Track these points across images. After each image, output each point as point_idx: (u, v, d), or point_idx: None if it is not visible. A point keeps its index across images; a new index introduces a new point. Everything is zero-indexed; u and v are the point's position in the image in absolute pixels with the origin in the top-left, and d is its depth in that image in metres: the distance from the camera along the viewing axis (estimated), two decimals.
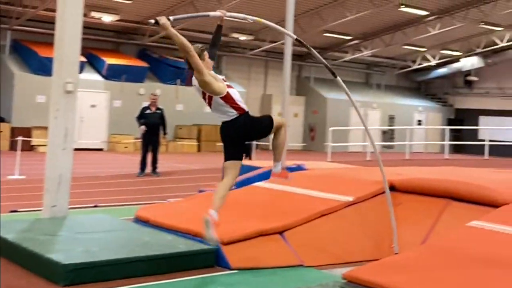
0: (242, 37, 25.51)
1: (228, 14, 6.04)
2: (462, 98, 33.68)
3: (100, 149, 22.11)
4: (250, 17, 6.07)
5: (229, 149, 5.91)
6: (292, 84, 28.81)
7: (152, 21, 5.48)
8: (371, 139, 6.45)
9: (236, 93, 5.80)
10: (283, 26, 10.74)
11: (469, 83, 32.87)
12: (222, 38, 26.06)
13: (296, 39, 6.26)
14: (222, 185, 5.80)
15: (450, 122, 32.90)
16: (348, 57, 28.91)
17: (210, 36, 6.36)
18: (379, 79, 32.80)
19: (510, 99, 31.43)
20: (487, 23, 25.74)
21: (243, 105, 5.78)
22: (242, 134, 5.81)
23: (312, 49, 6.12)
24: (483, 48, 29.58)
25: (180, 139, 23.92)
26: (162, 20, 5.45)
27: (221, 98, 5.67)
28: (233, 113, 5.72)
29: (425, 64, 31.84)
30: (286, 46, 9.39)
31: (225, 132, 5.83)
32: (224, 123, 5.79)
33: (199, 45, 5.76)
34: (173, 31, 5.45)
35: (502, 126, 28.45)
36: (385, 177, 6.17)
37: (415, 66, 32.09)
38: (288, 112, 9.58)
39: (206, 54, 5.80)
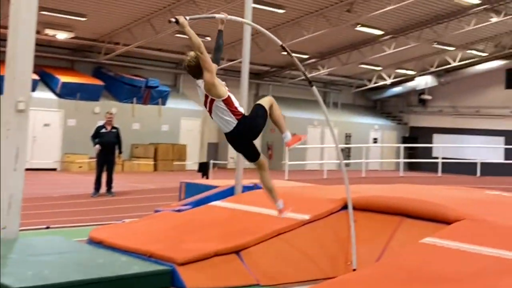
0: None
1: (229, 17, 6.51)
2: (417, 116, 34.29)
3: (54, 169, 21.72)
4: (247, 21, 6.32)
5: (246, 153, 6.14)
6: (249, 102, 28.84)
7: (173, 19, 5.70)
8: (340, 157, 6.50)
9: (234, 98, 5.98)
10: (240, 45, 10.78)
11: (423, 102, 33.50)
12: (179, 56, 25.91)
13: (281, 45, 6.50)
14: (264, 180, 6.27)
15: (405, 140, 33.43)
16: None
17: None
18: (336, 97, 33.17)
19: (463, 117, 32.16)
20: (440, 43, 26.34)
21: (240, 109, 5.93)
22: (248, 137, 6.03)
23: (295, 59, 6.29)
24: (437, 68, 30.21)
25: (136, 158, 23.68)
26: (181, 19, 5.68)
27: (223, 101, 5.84)
28: (233, 121, 5.85)
29: (381, 83, 32.35)
30: (244, 65, 9.42)
31: (233, 144, 6.05)
32: (227, 134, 5.95)
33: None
34: (191, 30, 5.70)
35: (455, 143, 29.03)
36: (349, 194, 6.20)
37: (371, 85, 32.57)
38: None
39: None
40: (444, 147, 26.35)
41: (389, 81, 31.97)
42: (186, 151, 25.26)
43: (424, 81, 31.82)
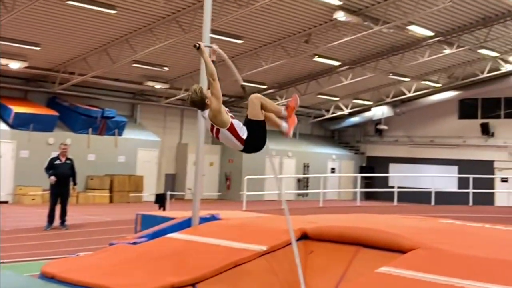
0: (158, 86, 25.42)
1: (218, 50, 6.54)
2: (373, 146, 34.73)
3: (5, 202, 21.15)
4: (228, 61, 6.52)
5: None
6: (207, 133, 28.82)
7: (197, 44, 5.98)
8: (280, 187, 6.47)
9: (238, 123, 6.05)
10: (198, 76, 10.76)
11: (379, 132, 33.97)
12: (136, 87, 25.78)
13: (241, 85, 6.54)
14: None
15: (362, 169, 33.76)
16: None
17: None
18: (294, 128, 33.28)
19: (418, 147, 32.70)
20: (395, 74, 26.86)
21: (243, 135, 6.00)
22: (260, 148, 6.29)
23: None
24: (392, 98, 30.75)
25: (92, 190, 23.29)
26: (202, 45, 5.99)
27: (227, 129, 5.89)
28: (240, 145, 6.02)
29: (339, 113, 32.73)
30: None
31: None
32: (241, 151, 6.18)
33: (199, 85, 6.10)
34: (208, 56, 5.98)
35: (410, 173, 29.44)
36: (291, 227, 6.16)
37: (329, 115, 32.91)
38: (203, 162, 9.49)
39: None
40: (400, 177, 26.68)
41: (346, 111, 32.37)
42: (143, 182, 24.96)
43: (380, 111, 32.31)
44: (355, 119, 33.67)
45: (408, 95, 29.97)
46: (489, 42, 22.75)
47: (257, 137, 6.11)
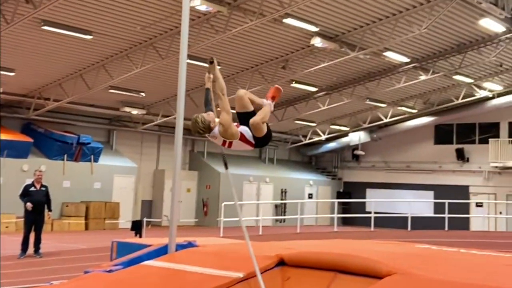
0: (134, 111, 25.31)
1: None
2: (351, 171, 34.84)
3: None
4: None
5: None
6: (184, 158, 28.73)
7: (213, 59, 6.25)
8: (239, 214, 6.44)
9: (245, 129, 6.10)
10: (175, 101, 10.73)
11: (356, 157, 34.11)
12: (113, 112, 25.59)
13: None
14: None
15: (339, 195, 33.83)
16: None
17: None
18: (272, 153, 33.39)
19: (394, 172, 32.87)
20: (372, 100, 27.08)
21: (250, 138, 6.10)
22: (267, 140, 6.29)
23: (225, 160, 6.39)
24: (369, 124, 30.95)
25: (67, 217, 22.98)
26: (215, 60, 6.20)
27: (239, 140, 6.05)
28: (250, 147, 6.16)
29: (316, 139, 32.85)
30: (178, 120, 9.32)
31: None
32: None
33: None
34: (219, 72, 6.20)
35: (387, 198, 29.57)
36: (252, 254, 6.11)
37: (307, 141, 33.00)
38: (180, 188, 9.42)
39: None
40: (376, 202, 26.77)
41: (323, 137, 32.50)
42: (119, 209, 24.71)
43: (357, 137, 32.49)
44: (332, 145, 33.82)
45: (385, 120, 30.21)
46: (464, 68, 23.08)
47: (262, 134, 6.20)
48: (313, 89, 25.04)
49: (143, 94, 23.64)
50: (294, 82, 23.41)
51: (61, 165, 23.40)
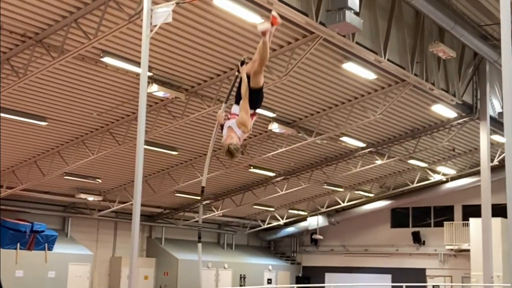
0: (90, 198, 24.87)
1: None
2: (309, 255, 34.60)
3: None
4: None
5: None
6: (142, 245, 28.14)
7: (244, 58, 6.62)
8: None
9: (245, 109, 6.62)
10: (132, 187, 10.57)
11: (315, 241, 33.95)
12: (68, 199, 24.72)
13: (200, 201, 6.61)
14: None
15: (298, 280, 33.45)
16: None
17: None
18: (230, 238, 32.99)
19: (352, 256, 32.80)
20: (329, 184, 27.26)
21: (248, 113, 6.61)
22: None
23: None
24: (327, 208, 31.06)
25: None
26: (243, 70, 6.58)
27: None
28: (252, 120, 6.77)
29: (274, 223, 32.69)
30: (135, 207, 9.17)
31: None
32: None
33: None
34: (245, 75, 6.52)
35: (346, 282, 29.33)
36: None
37: (265, 226, 32.81)
38: (137, 275, 9.14)
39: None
40: (335, 286, 26.50)
41: (282, 221, 32.39)
42: None
43: (315, 221, 32.46)
44: (291, 229, 33.68)
45: (342, 205, 30.36)
46: (418, 153, 23.55)
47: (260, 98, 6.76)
48: (271, 174, 25.13)
49: (99, 180, 23.32)
50: (252, 167, 23.48)
51: (13, 254, 22.57)
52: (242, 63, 6.61)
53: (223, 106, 7.01)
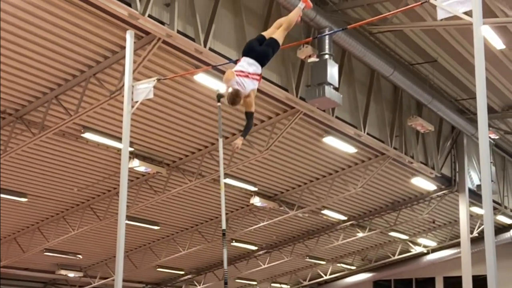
0: (71, 274, 24.41)
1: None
2: None
3: None
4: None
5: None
6: None
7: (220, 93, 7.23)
8: None
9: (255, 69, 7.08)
10: (113, 263, 10.45)
11: None
12: (48, 276, 24.24)
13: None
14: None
15: None
16: None
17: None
18: None
19: None
20: (311, 257, 27.08)
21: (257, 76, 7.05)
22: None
23: None
24: (309, 281, 30.70)
25: None
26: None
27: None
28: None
29: None
30: (117, 282, 9.06)
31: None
32: None
33: None
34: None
35: None
36: None
37: None
38: None
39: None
40: None
41: None
42: None
43: None
44: None
45: (325, 277, 30.06)
46: (399, 225, 23.59)
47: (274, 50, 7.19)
48: (253, 247, 24.96)
49: (80, 256, 22.98)
50: (234, 241, 23.33)
51: None
52: (219, 96, 7.28)
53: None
